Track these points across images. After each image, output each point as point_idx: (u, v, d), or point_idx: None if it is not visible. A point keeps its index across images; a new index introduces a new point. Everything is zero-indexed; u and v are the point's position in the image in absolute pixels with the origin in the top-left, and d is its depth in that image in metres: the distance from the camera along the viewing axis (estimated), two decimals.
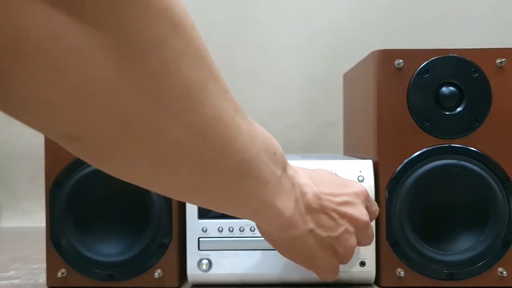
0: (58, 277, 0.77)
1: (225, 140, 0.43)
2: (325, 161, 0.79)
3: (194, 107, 0.39)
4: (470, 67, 0.76)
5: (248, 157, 0.47)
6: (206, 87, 0.39)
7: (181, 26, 0.36)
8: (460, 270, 0.76)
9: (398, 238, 0.76)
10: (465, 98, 0.76)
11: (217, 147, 0.42)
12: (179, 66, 0.37)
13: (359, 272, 0.76)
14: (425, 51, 0.77)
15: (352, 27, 1.29)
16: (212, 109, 0.41)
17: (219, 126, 0.42)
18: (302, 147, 1.30)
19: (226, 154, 0.44)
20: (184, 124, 0.39)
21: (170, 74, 0.36)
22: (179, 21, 0.36)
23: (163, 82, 0.36)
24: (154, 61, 0.35)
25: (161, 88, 0.36)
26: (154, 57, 0.35)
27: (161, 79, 0.36)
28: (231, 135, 0.43)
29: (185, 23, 0.37)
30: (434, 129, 0.76)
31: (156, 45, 0.34)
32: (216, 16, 1.30)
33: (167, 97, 0.37)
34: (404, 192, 0.76)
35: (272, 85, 1.30)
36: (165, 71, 0.36)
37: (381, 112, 0.77)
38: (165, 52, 0.35)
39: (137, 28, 0.33)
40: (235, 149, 0.44)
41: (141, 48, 0.34)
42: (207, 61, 0.40)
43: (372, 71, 0.78)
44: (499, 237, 0.76)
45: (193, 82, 0.38)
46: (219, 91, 0.41)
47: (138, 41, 0.33)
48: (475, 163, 0.76)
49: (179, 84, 0.37)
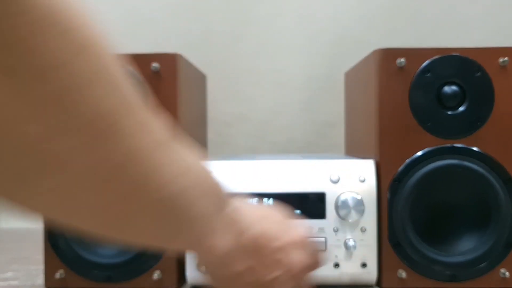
0: (56, 279, 0.77)
1: (143, 175, 0.40)
2: (327, 161, 0.79)
3: (103, 140, 0.36)
4: (472, 67, 0.76)
5: (175, 193, 0.43)
6: (118, 119, 0.36)
7: (89, 50, 0.33)
8: (462, 271, 0.76)
9: (400, 239, 0.75)
10: (467, 97, 0.76)
11: (132, 182, 0.40)
12: (84, 95, 0.33)
13: (360, 274, 0.76)
14: (427, 50, 0.76)
15: (354, 26, 1.29)
16: (126, 143, 0.38)
17: (134, 161, 0.39)
18: (303, 147, 1.29)
19: (144, 190, 0.41)
20: (93, 157, 0.36)
21: (74, 103, 0.33)
22: (87, 45, 0.33)
23: (66, 111, 0.33)
24: (54, 87, 0.32)
25: (63, 118, 0.33)
26: (54, 83, 0.31)
27: (63, 108, 0.33)
28: (149, 170, 0.40)
29: (95, 48, 0.34)
30: (436, 129, 0.76)
31: (56, 69, 0.31)
32: (217, 15, 1.30)
33: (71, 128, 0.34)
34: (406, 192, 0.75)
35: (273, 84, 1.30)
36: (68, 99, 0.33)
37: (383, 112, 0.77)
38: (67, 78, 0.32)
39: (33, 48, 0.30)
40: (156, 185, 0.41)
41: (38, 72, 0.31)
42: (122, 91, 0.37)
43: (374, 70, 0.78)
44: (502, 238, 0.75)
45: (101, 113, 0.35)
46: (136, 124, 0.38)
47: (34, 64, 0.30)
48: (477, 163, 0.75)
49: (84, 115, 0.34)
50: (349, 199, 0.75)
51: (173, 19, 1.29)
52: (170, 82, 0.77)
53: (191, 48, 1.28)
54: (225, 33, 1.30)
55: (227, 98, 1.30)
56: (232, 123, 1.30)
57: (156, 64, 0.77)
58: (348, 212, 0.75)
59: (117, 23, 1.29)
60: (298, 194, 0.76)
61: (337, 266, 0.75)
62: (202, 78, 1.12)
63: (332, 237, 0.75)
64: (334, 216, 0.76)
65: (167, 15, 1.29)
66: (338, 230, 0.75)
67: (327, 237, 0.75)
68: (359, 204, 0.75)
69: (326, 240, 0.75)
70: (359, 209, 0.75)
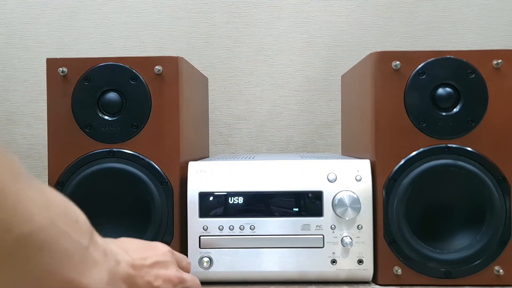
0: None
1: (1, 212, 0.38)
2: (324, 160, 0.80)
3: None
4: (466, 68, 0.77)
5: (39, 228, 0.41)
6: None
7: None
8: (457, 269, 0.77)
9: (396, 236, 0.77)
10: (462, 99, 0.77)
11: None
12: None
13: (357, 270, 0.77)
14: (422, 53, 0.78)
15: (350, 30, 1.31)
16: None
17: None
18: (301, 147, 1.31)
19: (4, 228, 0.38)
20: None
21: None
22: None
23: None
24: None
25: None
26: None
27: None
28: (8, 205, 0.38)
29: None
30: (430, 129, 0.77)
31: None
32: (217, 18, 1.31)
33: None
34: (401, 191, 0.77)
35: (272, 86, 1.32)
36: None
37: (379, 113, 0.78)
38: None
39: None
40: (18, 221, 0.39)
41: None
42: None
43: (370, 73, 0.79)
44: (496, 236, 0.77)
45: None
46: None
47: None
48: (471, 163, 0.77)
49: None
50: (345, 197, 0.76)
51: (175, 23, 1.31)
52: (172, 84, 0.79)
53: (194, 51, 1.31)
54: (226, 37, 1.32)
55: (228, 100, 1.32)
56: (232, 124, 1.32)
57: (159, 67, 0.78)
58: (345, 210, 0.76)
59: (121, 27, 1.31)
60: (297, 192, 0.78)
61: (334, 262, 0.77)
62: (204, 80, 1.13)
63: (329, 234, 0.77)
64: (331, 214, 0.77)
65: (170, 20, 1.31)
66: (335, 227, 0.77)
67: (325, 234, 0.77)
68: (356, 202, 0.76)
69: (324, 237, 0.77)
70: (356, 207, 0.76)
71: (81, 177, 0.78)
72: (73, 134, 0.79)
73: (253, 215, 0.77)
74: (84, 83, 0.79)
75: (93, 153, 0.79)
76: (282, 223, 0.77)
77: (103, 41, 1.31)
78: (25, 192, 0.40)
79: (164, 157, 0.79)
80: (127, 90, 0.79)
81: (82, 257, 0.46)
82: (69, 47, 1.31)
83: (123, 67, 0.79)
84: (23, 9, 1.33)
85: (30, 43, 1.32)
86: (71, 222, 0.45)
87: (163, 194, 0.78)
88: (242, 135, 1.32)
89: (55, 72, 0.80)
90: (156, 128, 0.79)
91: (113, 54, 1.28)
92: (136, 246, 0.59)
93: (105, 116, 0.80)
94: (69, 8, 1.32)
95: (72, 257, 0.44)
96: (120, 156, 0.79)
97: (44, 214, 0.42)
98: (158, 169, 0.78)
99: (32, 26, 1.32)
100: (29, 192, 0.40)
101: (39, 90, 1.30)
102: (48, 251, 0.42)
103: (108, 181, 0.79)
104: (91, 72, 0.79)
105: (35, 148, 1.28)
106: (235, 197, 0.78)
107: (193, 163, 0.80)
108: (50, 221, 0.42)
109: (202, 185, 0.78)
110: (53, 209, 0.43)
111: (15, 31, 1.32)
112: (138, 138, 0.79)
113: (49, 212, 0.42)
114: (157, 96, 0.79)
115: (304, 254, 0.77)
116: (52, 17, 1.32)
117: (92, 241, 0.48)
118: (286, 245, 0.77)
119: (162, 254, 0.61)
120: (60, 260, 0.43)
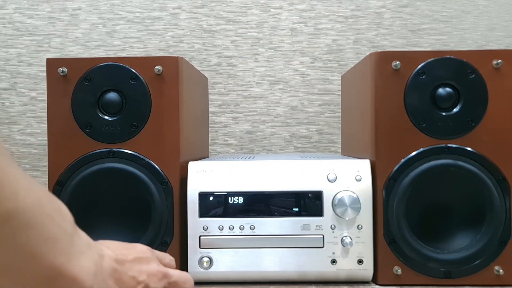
0: None
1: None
2: (324, 160, 0.80)
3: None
4: (466, 69, 0.77)
5: (24, 207, 0.40)
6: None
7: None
8: (456, 268, 0.77)
9: (395, 236, 0.77)
10: (462, 99, 0.77)
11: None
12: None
13: (357, 270, 0.77)
14: (422, 53, 0.78)
15: (350, 30, 1.31)
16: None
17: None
18: (301, 147, 1.31)
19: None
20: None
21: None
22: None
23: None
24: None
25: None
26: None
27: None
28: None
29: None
30: (430, 129, 0.77)
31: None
32: (217, 18, 1.31)
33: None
34: (401, 191, 0.77)
35: (272, 86, 1.32)
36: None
37: (379, 113, 0.78)
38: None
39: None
40: (3, 197, 0.38)
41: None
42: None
43: (370, 73, 0.79)
44: (496, 236, 0.77)
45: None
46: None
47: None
48: (471, 163, 0.77)
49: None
50: (345, 197, 0.76)
51: (175, 23, 1.31)
52: (172, 84, 0.79)
53: (194, 51, 1.31)
54: (226, 37, 1.32)
55: (228, 100, 1.32)
56: (232, 124, 1.32)
57: (159, 67, 0.78)
58: (345, 210, 0.76)
59: (121, 27, 1.31)
60: (297, 192, 0.78)
61: (334, 262, 0.77)
62: (204, 80, 1.13)
63: (329, 234, 0.77)
64: (331, 214, 0.77)
65: (170, 20, 1.31)
66: (335, 227, 0.77)
67: (325, 234, 0.77)
68: (356, 202, 0.76)
69: (324, 237, 0.77)
70: (356, 207, 0.76)
71: (81, 177, 0.79)
72: (73, 134, 0.79)
73: (253, 215, 0.77)
74: (84, 83, 0.79)
75: (93, 153, 0.79)
76: (282, 223, 0.77)
77: (103, 41, 1.31)
78: (11, 171, 0.39)
79: (164, 157, 0.79)
80: (127, 90, 0.79)
81: (68, 244, 0.44)
82: (69, 47, 1.32)
83: (123, 67, 0.79)
84: (23, 9, 1.33)
85: (30, 43, 1.32)
86: (55, 209, 0.44)
87: (163, 194, 0.78)
88: (242, 135, 1.32)
89: (55, 72, 0.80)
90: (156, 128, 0.79)
91: (113, 54, 1.28)
92: (116, 244, 0.58)
93: (105, 116, 0.80)
94: (69, 8, 1.32)
95: (58, 242, 0.43)
96: (120, 156, 0.79)
97: (31, 194, 0.41)
98: (158, 169, 0.78)
99: (32, 26, 1.32)
100: (14, 172, 0.40)
101: (39, 90, 1.30)
102: (34, 231, 0.41)
103: (108, 181, 0.79)
104: (91, 72, 0.79)
105: (35, 148, 1.28)
106: (235, 197, 0.78)
107: (193, 163, 0.80)
108: (36, 202, 0.41)
109: (202, 185, 0.78)
110: (38, 192, 0.42)
111: (15, 31, 1.32)
112: (138, 138, 0.79)
113: (34, 193, 0.41)
114: (157, 96, 0.79)
115: (304, 254, 0.77)
116: (52, 17, 1.32)
117: (76, 231, 0.47)
118: (286, 245, 0.77)
119: (141, 251, 0.60)
120: (46, 243, 0.42)
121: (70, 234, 0.45)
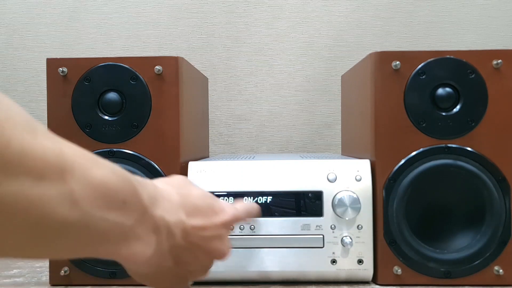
0: (61, 275, 0.78)
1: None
2: (324, 160, 0.80)
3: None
4: (466, 69, 0.77)
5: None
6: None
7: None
8: (456, 269, 0.77)
9: (395, 236, 0.77)
10: (462, 99, 0.77)
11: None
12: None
13: (357, 270, 0.77)
14: (421, 53, 0.78)
15: (350, 30, 1.31)
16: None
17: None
18: (301, 147, 1.32)
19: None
20: None
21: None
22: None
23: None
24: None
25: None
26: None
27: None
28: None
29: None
30: (430, 129, 0.77)
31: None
32: (217, 18, 1.32)
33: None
34: (401, 191, 0.77)
35: (272, 86, 1.32)
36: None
37: (379, 113, 0.78)
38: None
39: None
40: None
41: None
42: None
43: (370, 73, 0.79)
44: (495, 236, 0.77)
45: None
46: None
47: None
48: (471, 163, 0.77)
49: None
50: (345, 197, 0.76)
51: (175, 23, 1.31)
52: (172, 84, 0.79)
53: (194, 51, 1.31)
54: (226, 37, 1.32)
55: (228, 100, 1.32)
56: (232, 124, 1.32)
57: (159, 67, 0.78)
58: (345, 210, 0.76)
59: (121, 27, 1.31)
60: (297, 192, 0.78)
61: (334, 262, 0.77)
62: (204, 80, 1.13)
63: (329, 234, 0.77)
64: (331, 214, 0.77)
65: (170, 20, 1.31)
66: (335, 227, 0.77)
67: (325, 234, 0.77)
68: (355, 202, 0.76)
69: (324, 237, 0.77)
70: (355, 207, 0.76)
71: None
72: (73, 134, 0.79)
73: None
74: (84, 83, 0.79)
75: (93, 153, 0.79)
76: (282, 223, 0.77)
77: (103, 41, 1.32)
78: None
79: (164, 157, 0.79)
80: (127, 90, 0.79)
81: (125, 235, 0.44)
82: (69, 47, 1.32)
83: (123, 67, 0.79)
84: (23, 9, 1.33)
85: (30, 43, 1.32)
86: (114, 203, 0.43)
87: None
88: (242, 135, 1.32)
89: (55, 72, 0.80)
90: (156, 128, 0.79)
91: (113, 54, 1.28)
92: (200, 207, 0.55)
93: (105, 116, 0.80)
94: (69, 8, 1.32)
95: (112, 238, 0.43)
96: (120, 156, 0.79)
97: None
98: (158, 169, 0.78)
99: (32, 26, 1.32)
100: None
101: (39, 90, 1.31)
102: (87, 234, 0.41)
103: None
104: (91, 72, 0.79)
105: None
106: (235, 197, 0.78)
107: (193, 163, 0.80)
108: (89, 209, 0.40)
109: (202, 185, 0.78)
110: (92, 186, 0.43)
111: (15, 31, 1.33)
112: (138, 138, 0.79)
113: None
114: (157, 96, 0.79)
115: (304, 254, 0.77)
116: (52, 17, 1.32)
117: (143, 217, 0.46)
118: (286, 245, 0.77)
119: (222, 224, 0.56)
120: (98, 241, 0.42)
121: (130, 226, 0.44)
